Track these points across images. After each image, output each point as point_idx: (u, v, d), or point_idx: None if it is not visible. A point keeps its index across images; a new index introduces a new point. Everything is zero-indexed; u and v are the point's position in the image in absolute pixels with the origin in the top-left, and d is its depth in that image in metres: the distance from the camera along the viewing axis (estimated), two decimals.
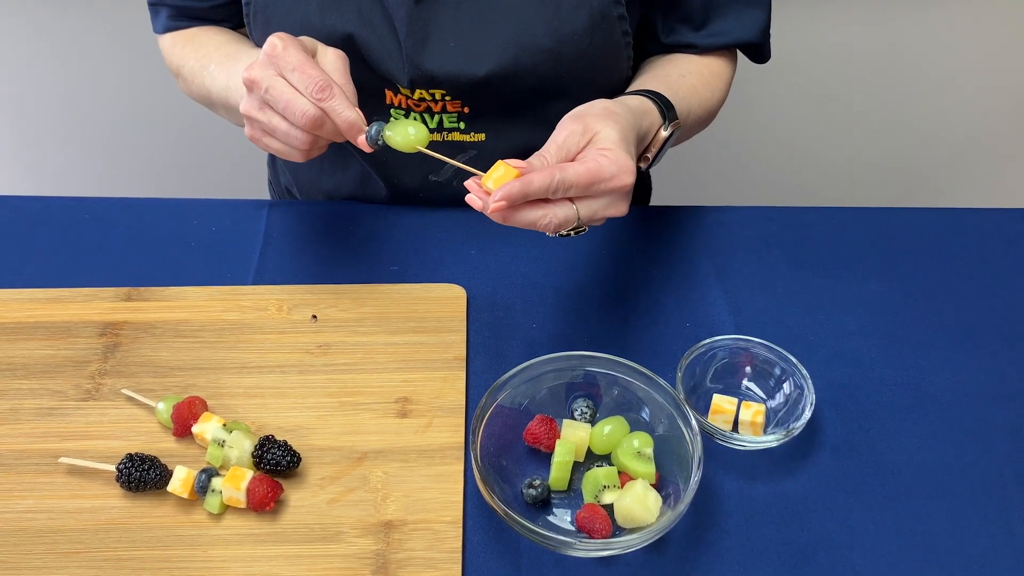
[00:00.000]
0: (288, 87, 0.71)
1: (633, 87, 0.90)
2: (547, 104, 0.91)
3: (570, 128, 0.72)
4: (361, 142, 0.74)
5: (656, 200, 1.23)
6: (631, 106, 0.78)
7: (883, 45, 1.64)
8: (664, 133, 0.81)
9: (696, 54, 0.95)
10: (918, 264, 0.91)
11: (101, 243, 0.92)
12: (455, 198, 0.96)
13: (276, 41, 0.72)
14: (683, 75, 0.92)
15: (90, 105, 1.71)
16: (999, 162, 1.83)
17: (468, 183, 0.70)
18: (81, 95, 1.70)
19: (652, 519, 0.67)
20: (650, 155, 0.82)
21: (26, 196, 0.97)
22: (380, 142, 0.74)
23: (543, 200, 0.69)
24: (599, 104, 0.76)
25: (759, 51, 0.97)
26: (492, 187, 0.69)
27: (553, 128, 0.93)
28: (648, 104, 0.81)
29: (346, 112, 0.72)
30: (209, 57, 0.92)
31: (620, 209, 0.72)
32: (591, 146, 0.71)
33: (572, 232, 0.71)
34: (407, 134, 0.73)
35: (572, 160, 0.71)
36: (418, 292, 0.86)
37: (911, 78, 1.69)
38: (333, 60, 0.76)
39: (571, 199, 0.70)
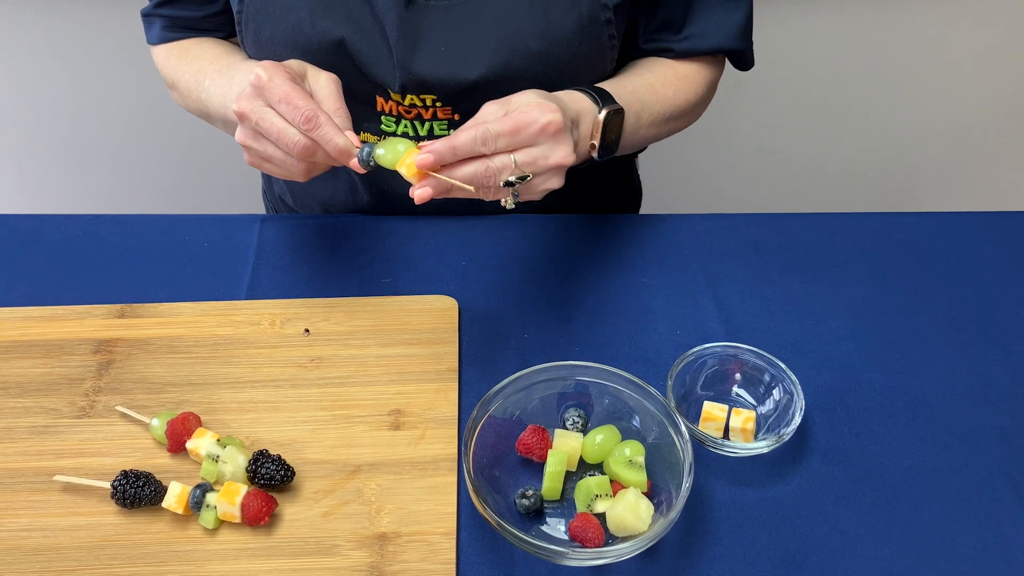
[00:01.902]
0: (278, 117, 0.73)
1: None
2: None
3: (488, 108, 0.75)
4: (354, 164, 0.74)
5: (645, 209, 1.23)
6: (555, 94, 0.80)
7: (870, 51, 1.65)
8: (600, 117, 0.82)
9: (673, 59, 0.96)
10: (906, 269, 0.92)
11: (94, 260, 0.92)
12: (445, 202, 0.97)
13: (260, 72, 0.73)
14: (641, 74, 0.93)
15: (81, 122, 1.72)
16: (987, 166, 1.84)
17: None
18: (72, 112, 1.70)
19: (644, 527, 0.68)
20: (596, 141, 0.83)
21: (18, 214, 0.97)
22: (372, 163, 0.74)
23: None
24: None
25: (740, 57, 0.98)
26: (405, 172, 0.72)
27: None
28: (575, 94, 0.83)
29: (335, 139, 0.73)
30: (203, 72, 0.93)
31: (561, 154, 0.74)
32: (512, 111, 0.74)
33: (518, 181, 0.73)
34: (397, 152, 0.74)
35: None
36: (410, 304, 0.86)
37: (898, 84, 1.70)
38: (325, 84, 0.77)
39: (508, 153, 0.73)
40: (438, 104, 0.90)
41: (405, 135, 0.92)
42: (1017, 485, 0.75)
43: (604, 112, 0.82)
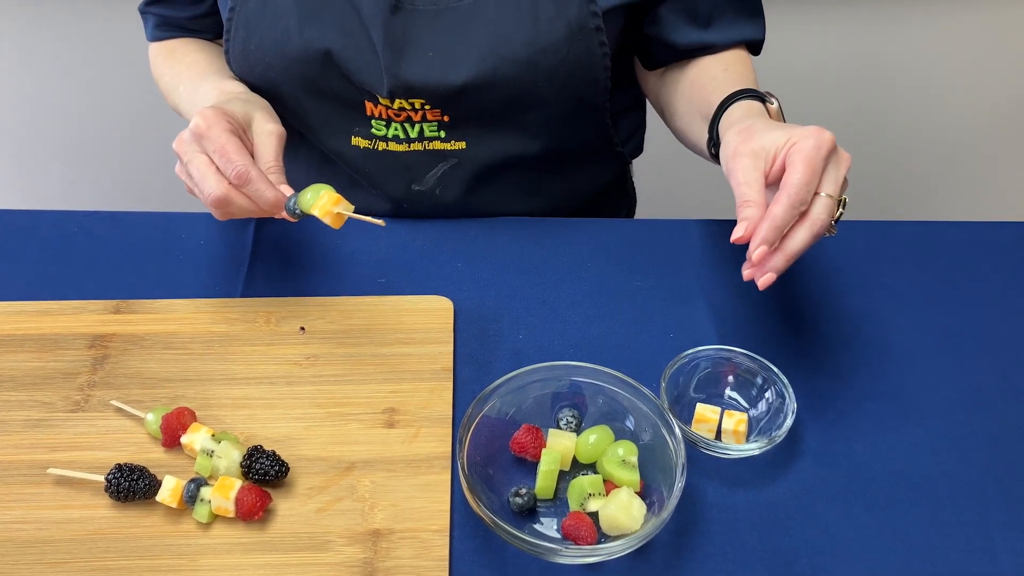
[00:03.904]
0: (204, 164, 0.76)
1: (699, 103, 0.91)
2: (525, 113, 0.92)
3: (741, 164, 0.73)
4: (285, 215, 0.77)
5: (640, 214, 1.24)
6: (745, 113, 0.82)
7: (865, 60, 1.66)
8: (774, 106, 0.84)
9: (713, 54, 0.95)
10: (898, 275, 0.93)
11: (90, 256, 0.92)
12: (438, 208, 0.97)
13: (199, 121, 0.76)
14: (725, 70, 0.93)
15: (78, 119, 1.72)
16: (980, 176, 1.85)
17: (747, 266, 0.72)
18: (69, 108, 1.70)
19: (636, 526, 0.68)
20: None
21: (15, 210, 0.97)
22: (298, 211, 0.77)
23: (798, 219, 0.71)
24: (731, 137, 0.78)
25: (759, 47, 0.99)
26: (318, 214, 0.75)
27: (530, 135, 0.95)
28: (744, 102, 0.84)
29: (265, 195, 0.75)
30: (180, 76, 0.97)
31: (845, 157, 0.73)
32: (776, 159, 0.73)
33: (842, 210, 0.73)
34: (317, 196, 0.76)
35: (767, 178, 0.73)
36: (405, 304, 0.87)
37: (892, 93, 1.71)
38: (267, 138, 0.80)
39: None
40: (427, 107, 0.90)
41: (396, 137, 0.93)
42: (1006, 490, 0.75)
43: (776, 102, 0.84)
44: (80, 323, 0.85)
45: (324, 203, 0.75)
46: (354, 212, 0.77)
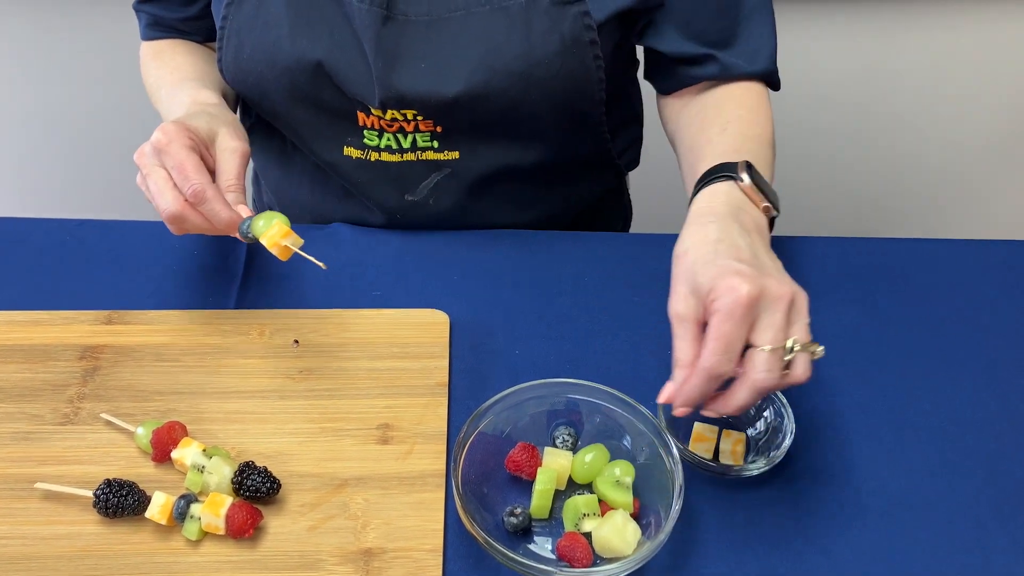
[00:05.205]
0: (162, 179, 0.75)
1: (689, 172, 0.85)
2: (519, 125, 0.92)
3: (677, 310, 0.69)
4: (238, 237, 0.77)
5: (636, 227, 1.24)
6: (705, 207, 0.75)
7: (865, 77, 1.66)
8: (745, 183, 0.75)
9: (717, 97, 0.91)
10: (896, 294, 0.92)
11: (82, 266, 0.91)
12: (432, 218, 0.97)
13: (160, 135, 0.76)
14: (723, 130, 0.87)
15: (70, 126, 1.71)
16: (979, 194, 1.86)
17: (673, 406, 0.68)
18: (62, 115, 1.69)
19: (629, 551, 0.67)
20: (766, 204, 0.75)
21: (5, 218, 0.96)
22: (250, 235, 0.76)
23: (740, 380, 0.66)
24: (680, 248, 0.72)
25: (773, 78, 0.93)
26: (266, 243, 0.74)
27: (524, 146, 0.94)
28: (710, 188, 0.76)
29: (220, 214, 0.75)
30: (163, 79, 0.97)
31: (782, 296, 0.65)
32: (707, 304, 0.67)
33: (794, 352, 0.65)
34: (269, 224, 0.75)
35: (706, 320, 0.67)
36: (400, 318, 0.86)
37: (892, 110, 1.71)
38: (230, 156, 0.79)
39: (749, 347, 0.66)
40: (419, 118, 0.90)
41: (388, 148, 0.93)
42: (1002, 510, 0.75)
43: (747, 177, 0.75)
44: (71, 334, 0.84)
45: (273, 233, 0.75)
46: (301, 249, 0.76)
